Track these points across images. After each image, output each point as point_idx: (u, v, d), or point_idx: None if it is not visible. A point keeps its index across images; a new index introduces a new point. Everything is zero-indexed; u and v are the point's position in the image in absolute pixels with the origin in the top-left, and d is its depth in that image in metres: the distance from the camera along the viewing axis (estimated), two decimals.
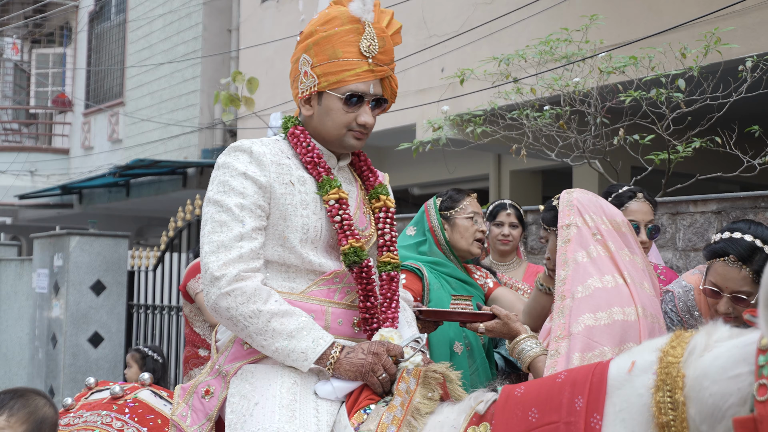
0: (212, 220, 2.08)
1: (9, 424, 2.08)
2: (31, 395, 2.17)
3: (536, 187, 11.10)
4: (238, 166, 2.10)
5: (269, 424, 1.90)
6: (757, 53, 5.87)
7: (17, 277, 11.57)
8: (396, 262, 2.25)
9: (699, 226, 5.15)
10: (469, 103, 7.82)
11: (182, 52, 13.63)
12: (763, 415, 1.41)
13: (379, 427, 1.88)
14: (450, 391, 2.02)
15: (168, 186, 13.30)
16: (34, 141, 18.59)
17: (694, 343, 1.62)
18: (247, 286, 2.01)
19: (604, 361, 1.75)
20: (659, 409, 1.57)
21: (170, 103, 13.89)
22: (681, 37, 6.38)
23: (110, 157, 15.48)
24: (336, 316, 2.15)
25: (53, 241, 9.25)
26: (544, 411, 1.72)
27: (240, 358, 2.11)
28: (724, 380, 1.52)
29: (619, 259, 2.58)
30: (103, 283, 8.96)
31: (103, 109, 16.03)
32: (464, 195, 3.43)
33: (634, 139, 5.92)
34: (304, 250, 2.12)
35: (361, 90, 2.15)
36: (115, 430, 2.38)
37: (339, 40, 2.15)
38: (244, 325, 2.01)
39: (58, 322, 8.92)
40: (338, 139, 2.20)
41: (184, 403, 2.15)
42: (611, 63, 6.09)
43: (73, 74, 17.65)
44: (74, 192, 15.51)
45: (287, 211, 2.11)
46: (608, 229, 2.62)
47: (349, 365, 2.00)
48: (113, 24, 16.21)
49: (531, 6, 7.90)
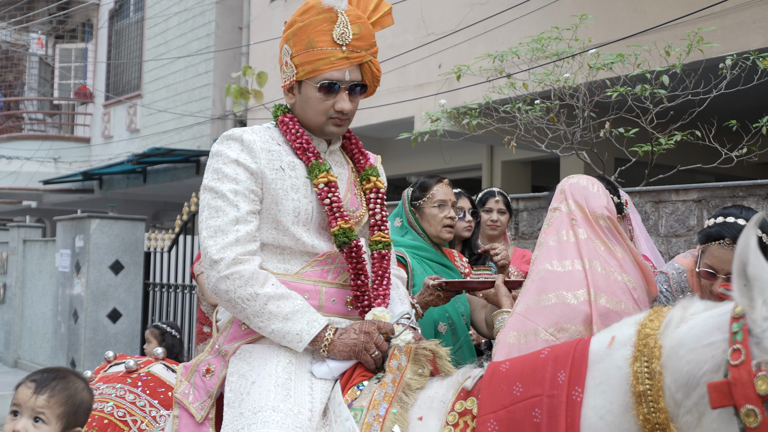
0: (208, 206, 2.05)
1: (48, 405, 2.05)
2: (72, 378, 2.14)
3: (526, 177, 11.11)
4: (230, 153, 2.07)
5: (265, 402, 1.88)
6: (736, 52, 5.85)
7: (41, 256, 11.60)
8: (387, 241, 2.22)
9: (680, 214, 5.14)
10: (464, 97, 7.81)
11: (196, 47, 13.61)
12: (737, 378, 1.38)
13: (372, 403, 1.86)
14: (439, 366, 2.00)
15: (182, 173, 13.32)
16: (58, 130, 18.58)
17: (671, 315, 1.60)
18: (245, 270, 1.98)
19: (586, 338, 1.74)
20: (636, 379, 1.55)
21: (185, 95, 13.88)
22: (665, 36, 6.36)
23: (128, 145, 15.49)
24: (329, 295, 2.12)
25: (75, 224, 9.27)
26: (528, 385, 1.70)
27: (238, 338, 2.09)
28: (700, 348, 1.50)
29: (584, 246, 2.54)
30: (122, 263, 9.00)
31: (122, 100, 16.03)
32: (433, 183, 3.34)
33: (620, 132, 5.91)
34: (297, 231, 2.09)
35: (336, 78, 2.09)
36: (128, 402, 2.39)
37: (314, 29, 2.09)
38: (242, 307, 1.99)
39: (80, 299, 8.95)
40: (319, 127, 2.16)
41: (187, 381, 2.12)
42: (599, 60, 6.07)
43: (94, 68, 17.63)
44: (95, 178, 15.54)
45: (279, 196, 2.07)
46: (584, 217, 2.59)
47: (342, 345, 1.98)
48: (132, 21, 16.18)
49: (523, 5, 7.87)
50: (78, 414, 2.10)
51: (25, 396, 2.07)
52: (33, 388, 2.07)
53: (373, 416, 1.83)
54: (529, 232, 6.05)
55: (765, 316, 1.41)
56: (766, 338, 1.40)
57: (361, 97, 2.19)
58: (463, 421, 1.76)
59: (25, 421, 2.04)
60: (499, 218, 4.25)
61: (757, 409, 1.35)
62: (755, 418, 1.35)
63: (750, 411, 1.36)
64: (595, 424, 1.59)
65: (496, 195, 4.30)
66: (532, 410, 1.66)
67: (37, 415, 2.04)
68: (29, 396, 2.06)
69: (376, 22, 2.21)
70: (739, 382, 1.38)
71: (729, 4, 6.48)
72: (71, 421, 2.08)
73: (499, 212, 4.25)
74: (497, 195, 4.30)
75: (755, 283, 1.41)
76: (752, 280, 1.42)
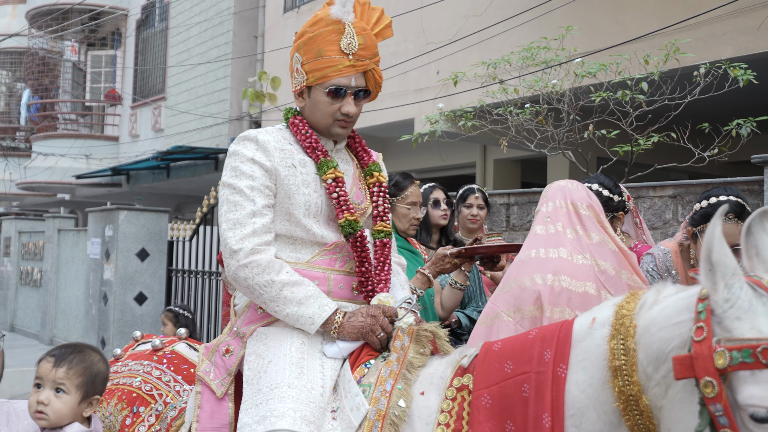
0: (227, 201, 2.04)
1: (68, 376, 2.06)
2: (88, 351, 2.15)
3: (516, 174, 11.11)
4: (246, 153, 2.06)
5: (281, 379, 1.88)
6: (709, 61, 5.84)
7: (74, 245, 11.62)
8: (388, 230, 2.21)
9: (657, 208, 5.15)
10: (460, 101, 7.79)
11: (215, 54, 13.59)
12: (698, 353, 1.38)
13: (379, 380, 1.86)
14: (439, 346, 2.00)
15: (202, 169, 13.33)
16: (89, 129, 18.57)
17: (645, 298, 1.61)
18: (262, 259, 1.98)
19: (570, 319, 1.74)
20: (613, 355, 1.55)
21: (205, 98, 13.87)
22: (644, 47, 6.34)
23: (153, 143, 15.49)
24: (337, 281, 2.12)
25: (105, 215, 9.29)
26: (517, 363, 1.70)
27: (255, 321, 2.08)
28: (669, 327, 1.50)
29: (553, 237, 2.58)
30: (147, 250, 9.01)
31: (148, 102, 16.01)
32: (408, 184, 3.43)
33: (602, 134, 5.90)
34: (308, 223, 2.08)
35: (343, 84, 2.09)
36: (155, 378, 2.38)
37: (323, 39, 2.09)
38: (259, 293, 1.98)
39: (109, 283, 8.97)
40: (326, 128, 2.15)
41: (208, 360, 2.12)
42: (584, 68, 6.06)
43: (122, 73, 17.60)
44: (123, 173, 15.55)
45: (291, 190, 2.07)
46: (565, 212, 2.62)
47: (351, 328, 1.98)
48: (157, 30, 16.15)
49: (515, 18, 7.86)
50: (95, 383, 2.11)
51: (46, 369, 2.08)
52: (53, 362, 2.09)
53: (380, 391, 1.83)
54: (519, 224, 6.06)
55: (726, 298, 1.41)
56: (726, 318, 1.40)
57: (365, 101, 2.19)
58: (460, 395, 1.76)
59: (47, 392, 2.05)
60: (479, 213, 4.23)
61: (714, 381, 1.35)
62: (713, 389, 1.35)
63: (708, 382, 1.36)
64: (578, 397, 1.60)
65: (475, 191, 4.28)
66: (521, 385, 1.66)
67: (58, 386, 2.06)
68: (50, 369, 2.07)
69: (378, 34, 2.20)
70: (700, 357, 1.38)
71: (703, 17, 6.46)
72: (89, 390, 2.09)
73: (478, 207, 4.24)
74: (477, 192, 4.28)
75: (718, 269, 1.42)
76: (715, 265, 1.42)
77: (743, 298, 1.40)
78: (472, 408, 1.71)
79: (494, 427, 1.66)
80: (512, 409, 1.65)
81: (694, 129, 5.78)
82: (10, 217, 14.83)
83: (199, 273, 8.54)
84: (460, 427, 1.71)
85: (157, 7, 16.11)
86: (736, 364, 1.35)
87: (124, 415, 2.27)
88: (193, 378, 2.34)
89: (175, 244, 9.09)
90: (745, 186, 4.64)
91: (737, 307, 1.40)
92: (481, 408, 1.70)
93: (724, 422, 1.35)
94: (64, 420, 2.05)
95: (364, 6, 2.19)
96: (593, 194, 2.77)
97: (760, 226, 1.52)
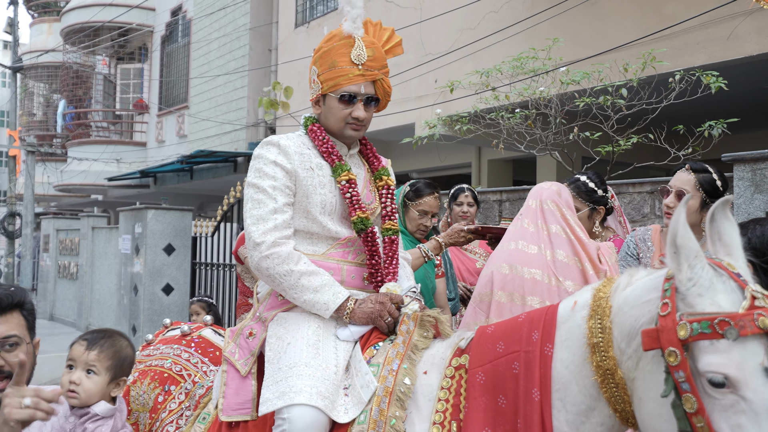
0: (252, 199, 2.06)
1: (98, 359, 2.07)
2: (116, 337, 2.15)
3: (508, 173, 11.10)
4: (269, 156, 2.08)
5: (299, 358, 1.90)
6: (683, 68, 5.84)
7: (107, 241, 11.65)
8: (395, 228, 2.23)
9: (636, 203, 5.15)
10: (457, 107, 7.80)
11: (233, 66, 13.59)
12: (663, 326, 1.40)
13: (386, 360, 1.88)
14: (441, 330, 2.02)
15: (222, 171, 13.33)
16: (119, 136, 18.60)
17: (619, 281, 1.62)
18: (282, 251, 2.00)
19: (555, 304, 1.75)
20: (591, 333, 1.57)
21: (224, 106, 13.88)
22: (623, 56, 6.35)
23: (178, 148, 15.51)
24: (349, 272, 2.13)
25: (134, 214, 9.31)
26: (508, 343, 1.72)
27: (275, 307, 2.10)
28: (639, 305, 1.52)
29: (517, 232, 2.76)
30: (173, 246, 9.02)
31: (172, 111, 16.03)
32: (426, 193, 3.40)
33: (586, 135, 5.90)
34: (323, 220, 2.10)
35: (353, 90, 2.11)
36: (184, 360, 2.38)
37: (336, 52, 2.11)
38: (279, 281, 2.00)
39: (139, 275, 9.00)
40: (339, 132, 2.16)
41: (233, 342, 2.13)
42: (569, 76, 6.07)
43: (149, 84, 17.62)
44: (150, 176, 15.56)
45: (309, 190, 2.08)
46: (534, 209, 2.76)
47: (361, 313, 1.99)
48: (180, 45, 16.16)
49: (506, 30, 7.86)
50: (123, 366, 2.11)
51: (78, 352, 2.08)
52: (85, 345, 2.08)
53: (387, 370, 1.84)
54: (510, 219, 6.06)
55: (689, 277, 1.43)
56: (689, 295, 1.42)
57: (376, 110, 2.20)
58: (458, 374, 1.78)
59: (79, 373, 2.05)
60: (469, 210, 4.22)
61: (677, 350, 1.37)
62: (676, 358, 1.37)
63: (672, 352, 1.38)
64: (562, 373, 1.61)
65: (465, 190, 4.27)
66: (512, 363, 1.68)
67: (89, 367, 2.06)
68: (82, 352, 2.07)
69: (389, 51, 2.22)
70: (665, 329, 1.40)
71: (677, 28, 6.46)
72: (118, 372, 2.09)
73: (468, 204, 4.23)
74: (466, 190, 4.27)
75: (682, 251, 1.43)
76: (680, 248, 1.43)
77: (705, 277, 1.42)
78: (468, 385, 1.73)
79: (488, 401, 1.68)
80: (504, 384, 1.67)
81: (669, 131, 5.78)
82: (49, 217, 14.87)
83: (221, 266, 8.56)
84: (458, 402, 1.73)
85: (180, 24, 16.12)
86: (696, 335, 1.37)
87: (156, 393, 2.28)
88: (218, 360, 2.37)
89: (199, 240, 9.11)
90: None
91: (699, 285, 1.42)
92: (477, 384, 1.71)
93: (686, 388, 1.37)
94: (93, 399, 2.05)
95: (376, 26, 2.22)
96: (566, 192, 2.85)
97: (722, 214, 1.53)
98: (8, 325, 1.83)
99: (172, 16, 16.33)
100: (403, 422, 1.75)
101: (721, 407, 1.36)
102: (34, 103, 23.55)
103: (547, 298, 2.52)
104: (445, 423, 1.71)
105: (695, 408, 1.36)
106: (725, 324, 1.35)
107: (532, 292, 2.57)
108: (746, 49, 6.26)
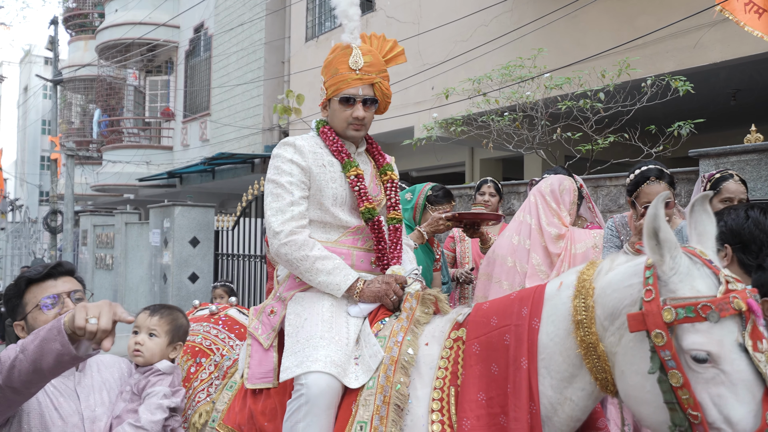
0: (271, 193, 2.08)
1: (159, 323, 2.14)
2: (174, 309, 2.22)
3: (498, 171, 11.09)
4: (286, 155, 2.09)
5: (315, 332, 1.92)
6: (654, 74, 5.84)
7: (138, 235, 11.69)
8: (399, 218, 2.25)
9: (613, 196, 5.17)
10: (451, 111, 7.81)
11: (250, 77, 13.59)
12: (648, 310, 1.42)
13: (392, 333, 1.90)
14: (440, 307, 2.03)
15: (241, 171, 13.35)
16: (149, 141, 18.61)
17: (602, 266, 1.64)
18: (299, 239, 2.02)
19: (543, 284, 1.76)
20: (576, 311, 1.59)
21: (242, 113, 13.88)
22: (601, 64, 6.35)
23: (201, 151, 15.52)
24: (359, 257, 2.15)
25: (163, 210, 9.33)
26: (501, 318, 1.73)
27: (294, 288, 2.12)
28: (622, 288, 1.53)
29: (513, 222, 3.04)
30: (198, 239, 9.04)
31: (196, 118, 16.03)
32: (444, 202, 3.46)
33: (568, 135, 5.92)
34: (335, 211, 2.12)
35: (352, 93, 2.12)
36: (212, 336, 2.41)
37: (337, 61, 2.13)
38: (296, 265, 2.02)
39: (167, 266, 9.03)
40: (343, 132, 2.17)
41: (256, 319, 2.17)
42: (552, 82, 6.08)
43: (174, 94, 17.63)
44: (176, 176, 15.57)
45: (322, 185, 2.10)
46: (529, 202, 2.93)
47: (369, 292, 2.01)
48: (202, 59, 16.16)
49: (495, 41, 7.85)
50: (179, 332, 2.18)
51: (142, 319, 2.16)
52: (148, 313, 2.18)
53: (393, 342, 1.86)
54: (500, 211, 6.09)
55: (671, 266, 1.44)
56: (671, 282, 1.43)
57: (377, 112, 2.20)
58: (456, 345, 1.79)
59: (143, 336, 2.13)
60: (490, 199, 4.23)
61: (663, 332, 1.40)
62: (662, 339, 1.40)
63: (658, 334, 1.40)
64: (547, 344, 1.63)
65: (488, 182, 4.30)
66: (503, 335, 1.69)
67: (151, 331, 2.13)
68: (145, 318, 2.16)
69: (391, 59, 2.22)
70: (651, 313, 1.42)
71: (649, 38, 6.46)
72: (175, 336, 2.16)
73: (490, 195, 4.24)
74: (489, 182, 4.30)
75: (665, 245, 1.44)
76: (663, 242, 1.44)
77: (683, 265, 1.44)
78: (465, 354, 1.74)
79: (482, 369, 1.70)
80: (497, 354, 1.69)
81: (643, 130, 5.80)
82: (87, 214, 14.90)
83: (241, 256, 8.58)
84: (456, 370, 1.75)
85: (202, 39, 16.11)
86: (681, 318, 1.39)
87: (189, 364, 2.31)
88: (242, 336, 2.40)
89: (221, 233, 9.13)
90: (685, 175, 4.66)
91: (679, 273, 1.43)
92: (472, 354, 1.73)
93: (672, 365, 1.39)
94: (155, 358, 2.10)
95: (380, 39, 2.23)
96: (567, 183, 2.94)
97: (701, 207, 1.54)
98: (71, 283, 1.93)
99: (195, 33, 16.33)
100: (407, 387, 1.77)
101: (703, 380, 1.38)
102: (73, 113, 23.60)
103: (506, 278, 2.85)
104: (444, 388, 1.73)
105: (681, 382, 1.38)
106: (707, 308, 1.37)
107: (505, 275, 2.90)
108: (711, 57, 6.26)
